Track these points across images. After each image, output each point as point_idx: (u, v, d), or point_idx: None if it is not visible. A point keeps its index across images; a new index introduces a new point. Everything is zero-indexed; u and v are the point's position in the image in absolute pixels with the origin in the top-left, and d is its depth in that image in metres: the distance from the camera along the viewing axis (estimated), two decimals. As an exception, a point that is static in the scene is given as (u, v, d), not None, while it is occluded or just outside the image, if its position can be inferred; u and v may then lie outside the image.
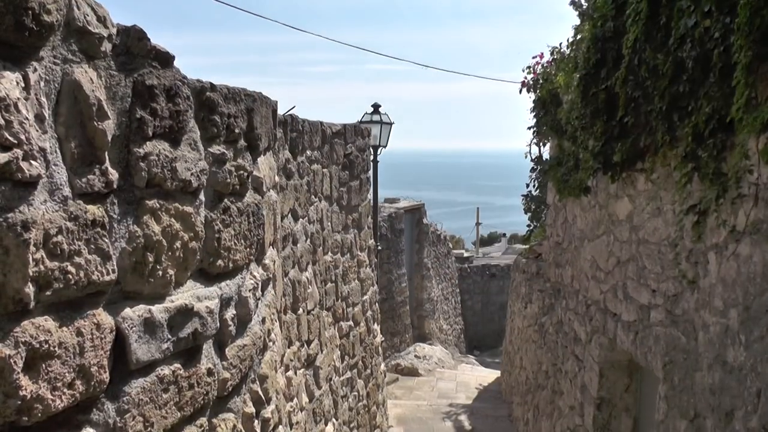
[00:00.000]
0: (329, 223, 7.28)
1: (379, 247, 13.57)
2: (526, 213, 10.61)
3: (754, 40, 2.77)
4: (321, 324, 6.99)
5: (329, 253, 7.34)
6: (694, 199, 3.95)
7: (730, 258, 3.55)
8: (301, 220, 5.96)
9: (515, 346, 11.74)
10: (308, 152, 6.27)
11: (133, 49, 2.00)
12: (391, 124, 12.89)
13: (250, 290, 2.80)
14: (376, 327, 10.11)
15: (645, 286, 4.93)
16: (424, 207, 19.60)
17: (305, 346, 6.32)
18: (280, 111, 4.72)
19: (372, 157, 11.88)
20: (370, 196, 9.86)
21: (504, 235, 53.91)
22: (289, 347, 5.59)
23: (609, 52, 5.05)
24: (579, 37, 6.56)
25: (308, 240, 6.30)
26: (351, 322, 8.55)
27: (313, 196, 6.49)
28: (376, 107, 12.93)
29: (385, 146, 12.87)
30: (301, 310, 6.02)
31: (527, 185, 9.95)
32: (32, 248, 1.60)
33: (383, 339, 12.41)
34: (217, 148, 2.46)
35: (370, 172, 9.75)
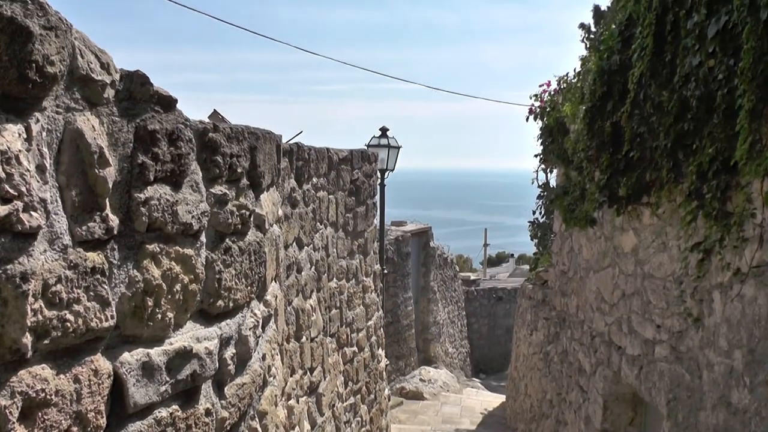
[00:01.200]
0: (334, 250, 7.27)
1: (385, 271, 13.55)
2: (532, 239, 10.59)
3: (758, 85, 2.77)
4: (324, 351, 6.97)
5: (334, 280, 7.33)
6: (699, 237, 3.94)
7: (735, 299, 3.53)
8: (306, 248, 5.96)
9: (520, 372, 11.66)
10: (314, 179, 6.28)
11: (136, 94, 2.01)
12: (398, 147, 12.91)
13: (250, 328, 2.79)
14: (381, 352, 10.07)
15: (650, 321, 4.90)
16: (431, 230, 19.58)
17: (308, 373, 6.30)
18: (289, 134, 4.74)
19: (379, 181, 11.89)
20: (377, 221, 9.86)
21: (512, 255, 53.81)
22: (291, 376, 5.57)
23: (615, 85, 5.06)
24: (585, 67, 6.57)
25: (313, 267, 6.29)
26: (355, 348, 8.52)
27: (318, 223, 6.50)
28: (384, 131, 12.96)
29: (392, 170, 12.88)
30: (304, 338, 6.01)
31: (533, 212, 9.95)
32: (31, 299, 1.61)
33: (388, 363, 12.37)
34: (219, 189, 2.47)
35: (377, 197, 9.77)
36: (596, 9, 14.44)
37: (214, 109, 7.39)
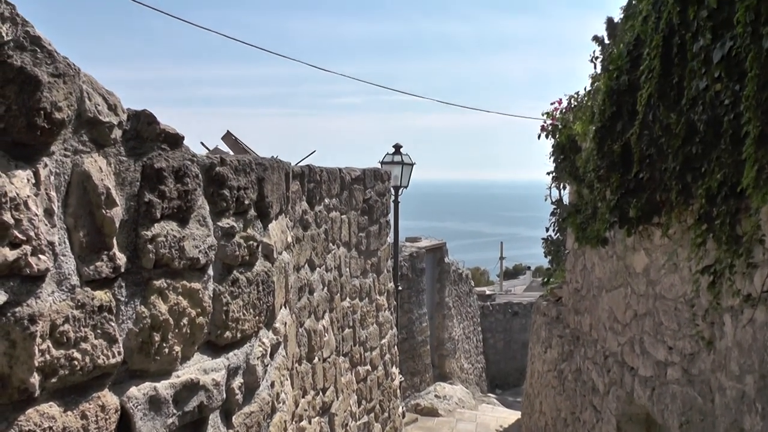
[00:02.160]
0: (347, 269, 7.30)
1: (400, 288, 13.55)
2: (546, 256, 10.56)
3: (763, 113, 2.77)
4: (337, 370, 6.98)
5: (347, 299, 7.35)
6: (710, 259, 3.92)
7: (747, 324, 3.51)
8: (318, 269, 5.99)
9: (535, 389, 11.60)
10: (326, 200, 6.32)
11: (143, 133, 2.05)
12: (412, 164, 12.94)
13: (258, 357, 2.82)
14: (395, 370, 10.06)
15: (662, 342, 4.88)
16: (446, 246, 19.56)
17: (320, 394, 6.31)
18: (302, 149, 4.77)
19: (393, 198, 11.92)
20: (390, 238, 9.88)
21: (529, 268, 53.60)
22: (303, 397, 5.59)
23: (624, 105, 5.07)
24: (595, 86, 6.58)
25: (325, 288, 6.32)
26: (368, 367, 8.52)
27: (330, 244, 6.53)
28: (397, 148, 13.00)
29: (406, 187, 12.91)
30: (316, 358, 6.03)
31: (546, 229, 9.93)
32: (38, 340, 1.64)
33: (402, 379, 12.35)
34: (226, 222, 2.50)
35: (391, 215, 9.79)
36: (609, 21, 14.42)
37: (228, 131, 7.45)
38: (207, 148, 7.32)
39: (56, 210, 1.71)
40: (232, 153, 7.69)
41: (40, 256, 1.63)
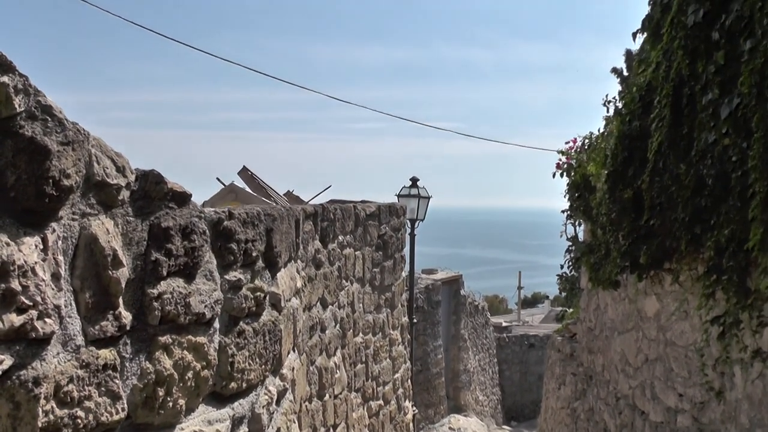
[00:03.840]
0: (360, 305, 7.32)
1: (415, 320, 13.53)
2: (561, 293, 10.52)
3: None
4: (348, 406, 6.97)
5: (360, 335, 7.36)
6: (720, 309, 3.91)
7: (756, 379, 3.50)
8: (330, 306, 6.02)
9: (549, 425, 11.50)
10: (340, 237, 6.36)
11: (151, 193, 2.10)
12: (428, 198, 13.00)
13: (263, 406, 2.84)
14: (408, 404, 10.01)
15: (672, 388, 4.85)
16: (462, 278, 19.53)
17: (331, 430, 6.30)
18: (320, 177, 4.80)
19: (409, 231, 11.95)
20: (405, 272, 9.89)
21: (547, 297, 53.22)
22: (313, 435, 5.59)
23: (636, 151, 5.08)
24: (608, 128, 6.60)
25: (337, 325, 6.34)
26: (381, 401, 8.49)
27: (344, 281, 6.56)
28: (414, 181, 13.07)
29: (422, 219, 12.96)
30: (327, 396, 6.04)
31: (561, 266, 9.90)
32: (42, 401, 1.68)
33: (416, 411, 12.28)
34: (233, 275, 2.55)
35: (406, 249, 9.81)
36: (628, 53, 14.44)
37: (244, 166, 7.54)
38: (223, 184, 7.42)
39: (63, 273, 1.75)
40: (248, 188, 7.78)
41: (46, 320, 1.68)
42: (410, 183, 13.06)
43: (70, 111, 1.78)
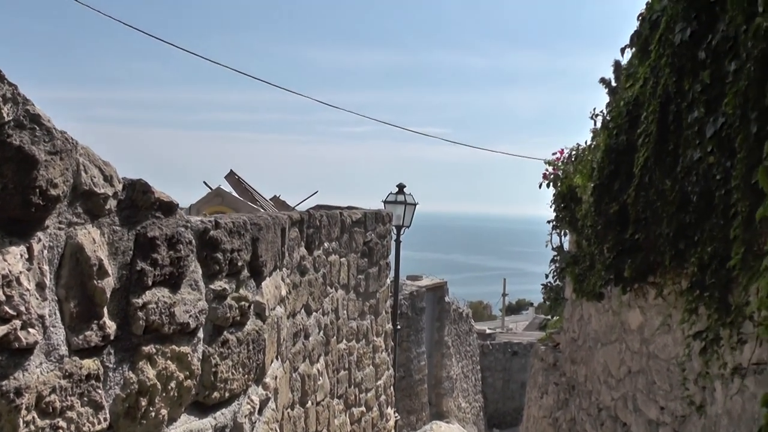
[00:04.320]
0: (345, 312, 7.31)
1: (399, 327, 13.53)
2: (545, 302, 10.55)
3: (752, 194, 2.81)
4: (331, 413, 6.96)
5: (344, 341, 7.36)
6: (702, 324, 3.94)
7: (736, 394, 3.52)
8: (314, 313, 6.01)
9: (531, 434, 11.52)
10: (326, 244, 6.36)
11: (138, 202, 2.10)
12: (415, 204, 13.02)
13: (246, 415, 2.84)
14: (390, 411, 10.01)
15: (654, 401, 4.88)
16: (447, 285, 19.56)
17: (313, 437, 6.29)
18: (309, 178, 4.79)
19: (395, 238, 11.96)
20: (390, 279, 9.89)
21: (531, 304, 53.30)
22: (295, 442, 5.58)
23: (622, 165, 5.11)
24: (595, 141, 6.64)
25: (321, 332, 6.33)
26: (363, 408, 8.49)
27: (328, 287, 6.55)
28: (401, 187, 13.09)
29: (408, 226, 12.98)
30: (309, 402, 6.03)
31: (546, 275, 9.92)
32: (24, 411, 1.67)
33: (398, 418, 12.27)
34: (218, 284, 2.54)
35: (392, 256, 9.81)
36: (617, 64, 14.50)
37: (231, 170, 7.53)
38: (210, 188, 7.40)
39: (48, 283, 1.75)
40: (234, 192, 7.77)
41: (30, 330, 1.67)
42: (397, 189, 13.08)
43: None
